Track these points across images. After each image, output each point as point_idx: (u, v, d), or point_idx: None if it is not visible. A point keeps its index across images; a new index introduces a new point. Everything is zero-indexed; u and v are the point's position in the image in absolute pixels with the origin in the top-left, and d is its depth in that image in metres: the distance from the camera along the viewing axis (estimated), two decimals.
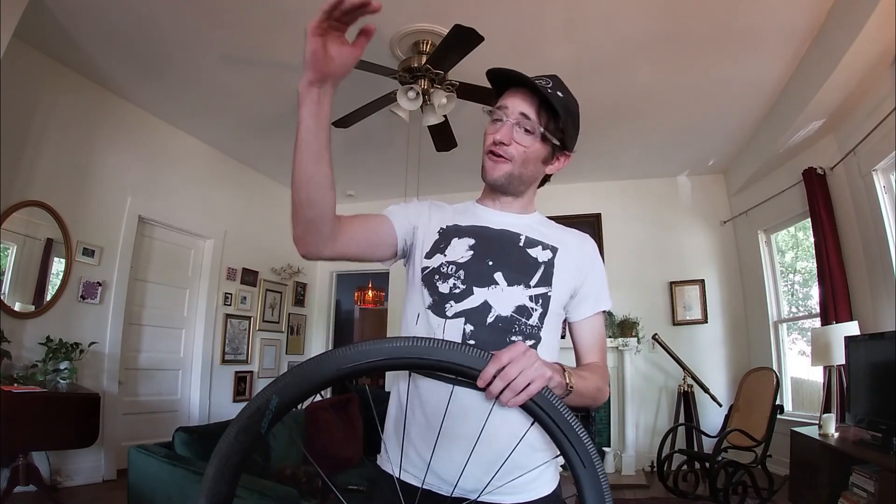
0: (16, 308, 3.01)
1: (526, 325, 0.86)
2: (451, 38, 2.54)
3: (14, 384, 2.59)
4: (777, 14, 2.75)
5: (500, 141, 0.90)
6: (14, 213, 3.00)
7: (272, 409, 0.60)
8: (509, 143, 0.90)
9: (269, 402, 0.60)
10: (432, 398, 0.83)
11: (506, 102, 0.91)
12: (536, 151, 0.92)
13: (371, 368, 0.63)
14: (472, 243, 0.92)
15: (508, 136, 0.89)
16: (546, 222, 1.00)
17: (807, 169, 3.68)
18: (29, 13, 2.56)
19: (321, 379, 0.62)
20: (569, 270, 0.92)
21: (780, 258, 4.49)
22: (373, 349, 0.63)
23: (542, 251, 0.92)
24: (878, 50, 2.62)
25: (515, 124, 0.89)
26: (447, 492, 0.79)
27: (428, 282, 0.90)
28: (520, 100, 0.90)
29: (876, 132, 2.99)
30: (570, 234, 0.99)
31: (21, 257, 3.11)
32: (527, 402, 0.65)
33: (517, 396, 0.65)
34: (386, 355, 0.62)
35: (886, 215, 3.04)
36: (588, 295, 0.94)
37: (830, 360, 3.17)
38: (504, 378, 0.64)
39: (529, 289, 0.88)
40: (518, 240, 0.93)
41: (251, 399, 0.62)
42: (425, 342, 0.64)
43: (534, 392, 0.65)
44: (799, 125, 3.44)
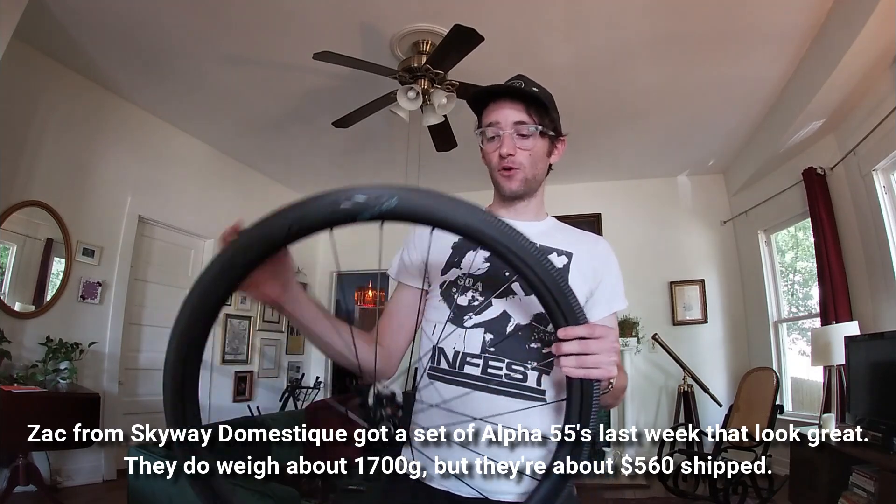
0: (16, 308, 3.01)
1: (545, 332, 0.86)
2: (451, 38, 2.54)
3: (14, 384, 2.59)
4: (777, 14, 2.75)
5: (507, 154, 0.91)
6: (14, 213, 3.00)
7: (383, 209, 0.53)
8: (515, 154, 0.91)
9: (388, 199, 0.54)
10: (454, 404, 0.83)
11: (495, 118, 0.92)
12: (540, 149, 0.93)
13: (488, 243, 0.58)
14: (489, 254, 0.91)
15: (513, 147, 0.91)
16: (560, 227, 1.01)
17: (807, 169, 3.68)
18: (29, 13, 2.56)
19: (443, 217, 0.56)
20: (584, 275, 0.93)
21: (780, 258, 4.48)
22: (498, 229, 0.58)
23: (558, 258, 0.93)
24: (878, 50, 2.62)
25: (513, 133, 0.91)
26: (468, 492, 0.79)
27: (446, 296, 0.91)
28: (507, 109, 0.91)
29: (876, 132, 2.99)
30: (585, 237, 1.00)
31: (21, 257, 3.11)
32: (574, 379, 0.65)
33: (577, 369, 0.64)
34: (508, 243, 0.58)
35: (886, 215, 3.04)
36: (602, 297, 0.95)
37: (830, 360, 3.17)
38: (583, 346, 0.64)
39: None
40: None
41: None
42: (548, 264, 0.61)
43: (593, 376, 0.64)
44: (799, 125, 3.44)
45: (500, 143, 0.91)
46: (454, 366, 0.87)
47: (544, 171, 0.97)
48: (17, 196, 3.02)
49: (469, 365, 0.86)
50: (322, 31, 2.88)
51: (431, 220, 0.57)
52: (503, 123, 0.91)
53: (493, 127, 0.92)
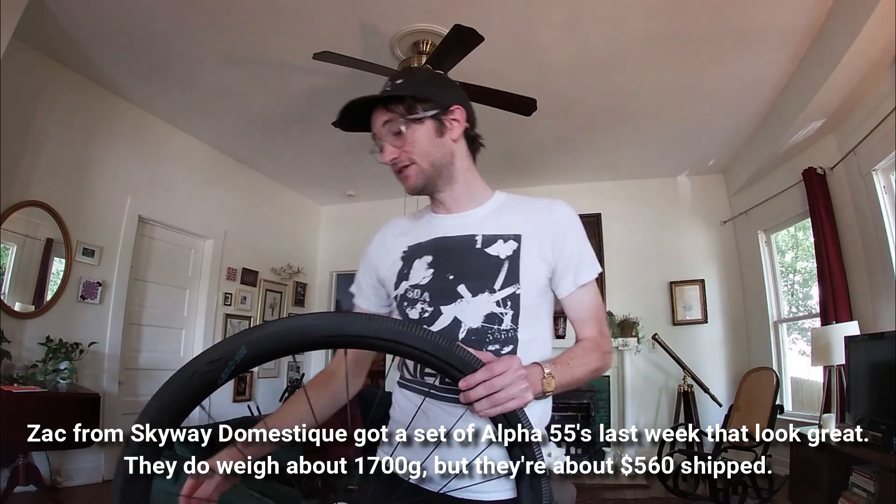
0: (16, 308, 3.01)
1: (499, 331, 0.84)
2: (451, 38, 2.54)
3: (14, 384, 2.59)
4: (777, 14, 2.75)
5: (391, 160, 0.89)
6: (14, 213, 3.00)
7: (237, 360, 0.55)
8: (399, 155, 0.88)
9: (237, 352, 0.55)
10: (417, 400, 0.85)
11: (373, 130, 0.90)
12: (423, 136, 0.88)
13: (353, 342, 0.59)
14: (430, 260, 0.90)
15: (391, 151, 0.88)
16: (509, 204, 0.94)
17: (807, 169, 3.68)
18: (29, 13, 2.56)
19: (299, 340, 0.57)
20: (540, 254, 0.87)
21: (780, 258, 4.48)
22: (362, 323, 0.59)
23: (504, 245, 0.88)
24: (878, 50, 2.62)
25: (388, 136, 0.88)
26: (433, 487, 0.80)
27: (401, 311, 0.91)
28: (377, 117, 0.89)
29: (876, 132, 2.99)
30: (538, 208, 0.92)
31: (21, 257, 3.11)
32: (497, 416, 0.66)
33: (492, 409, 0.66)
34: (373, 332, 0.59)
35: (886, 215, 3.04)
36: (567, 269, 0.89)
37: (830, 360, 3.17)
38: (488, 388, 0.65)
39: (495, 293, 0.85)
40: (475, 242, 0.89)
41: (217, 344, 0.56)
42: (421, 331, 0.62)
43: (510, 409, 0.66)
44: (799, 125, 3.44)
45: (384, 152, 0.89)
46: (415, 374, 0.88)
47: (444, 152, 0.89)
48: (17, 196, 3.02)
49: (428, 375, 0.86)
50: (322, 31, 2.88)
51: (289, 348, 0.58)
52: (378, 132, 0.89)
53: (375, 141, 0.90)
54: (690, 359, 4.39)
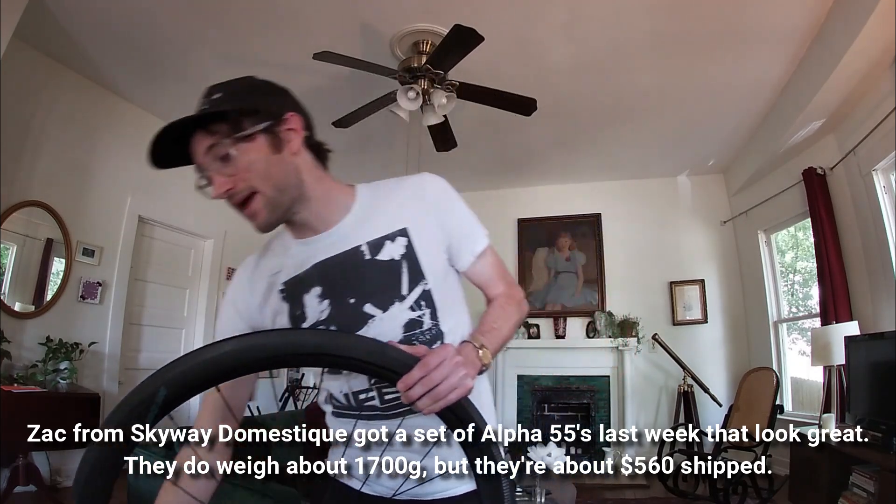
0: (16, 308, 3.01)
1: (422, 333, 0.79)
2: (451, 38, 2.54)
3: (14, 384, 2.59)
4: (777, 14, 2.75)
5: (225, 192, 0.74)
6: (14, 213, 2.99)
7: (158, 403, 0.51)
8: (234, 185, 0.74)
9: (156, 395, 0.50)
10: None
11: (195, 162, 0.76)
12: (257, 155, 0.73)
13: (277, 362, 0.55)
14: (321, 291, 0.79)
15: (225, 182, 0.73)
16: (376, 199, 0.83)
17: (807, 169, 3.68)
18: (29, 13, 2.56)
19: (217, 370, 0.52)
20: (434, 239, 0.81)
21: (780, 258, 4.49)
22: (276, 339, 0.55)
23: (394, 244, 0.79)
24: (878, 50, 2.62)
25: (214, 164, 0.74)
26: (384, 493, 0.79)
27: None
28: (198, 143, 0.75)
29: (876, 132, 2.99)
30: (410, 192, 0.83)
31: (21, 257, 3.11)
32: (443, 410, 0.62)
33: (435, 404, 0.62)
34: (292, 348, 0.55)
35: (886, 215, 3.05)
36: (461, 243, 0.83)
37: (830, 360, 3.18)
38: (426, 384, 0.61)
39: (405, 299, 0.78)
40: (362, 253, 0.79)
41: (132, 390, 0.52)
42: (348, 338, 0.58)
43: (454, 399, 0.62)
44: (799, 125, 3.44)
45: (214, 186, 0.74)
46: (353, 404, 0.81)
47: (288, 170, 0.76)
48: (17, 196, 3.01)
49: (367, 401, 0.80)
50: (322, 31, 2.88)
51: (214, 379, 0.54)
52: (202, 162, 0.75)
53: (200, 174, 0.76)
54: (690, 359, 4.39)
